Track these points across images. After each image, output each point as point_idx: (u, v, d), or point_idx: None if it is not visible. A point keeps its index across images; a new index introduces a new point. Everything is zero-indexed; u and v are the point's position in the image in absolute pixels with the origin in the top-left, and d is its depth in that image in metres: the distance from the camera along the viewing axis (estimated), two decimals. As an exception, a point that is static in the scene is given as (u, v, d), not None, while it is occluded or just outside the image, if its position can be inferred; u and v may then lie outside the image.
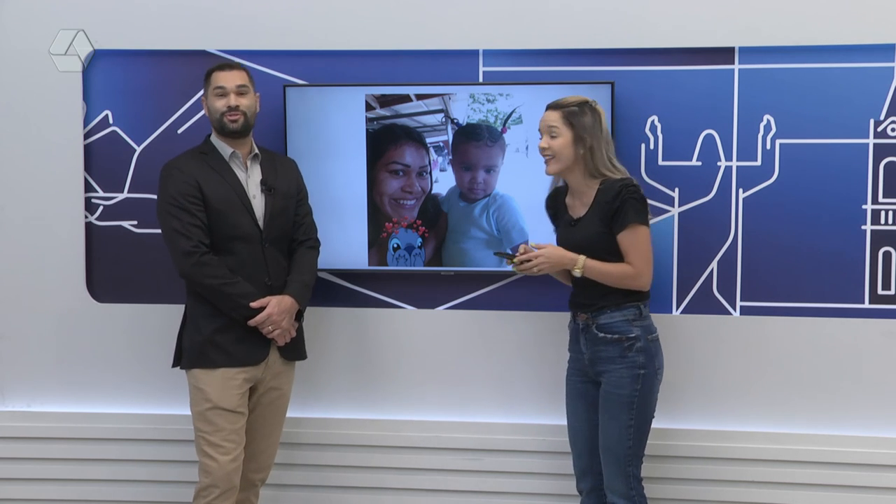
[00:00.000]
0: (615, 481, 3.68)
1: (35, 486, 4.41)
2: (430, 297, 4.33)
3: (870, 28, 4.02)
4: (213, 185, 3.82)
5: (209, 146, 3.91)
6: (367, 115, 4.22)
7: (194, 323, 3.84)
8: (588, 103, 3.69)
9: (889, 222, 4.09)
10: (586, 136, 3.65)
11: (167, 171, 3.86)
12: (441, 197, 4.24)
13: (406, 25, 4.22)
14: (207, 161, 3.87)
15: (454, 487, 4.30)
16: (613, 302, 3.67)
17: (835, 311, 4.14)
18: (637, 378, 3.64)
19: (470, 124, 4.18)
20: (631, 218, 3.61)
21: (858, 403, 4.14)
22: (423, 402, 4.34)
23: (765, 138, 4.12)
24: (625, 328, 3.66)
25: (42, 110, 4.35)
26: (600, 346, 3.69)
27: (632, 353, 3.65)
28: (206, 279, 3.76)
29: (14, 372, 4.45)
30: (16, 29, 4.33)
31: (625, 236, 3.63)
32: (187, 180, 3.79)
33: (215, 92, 3.85)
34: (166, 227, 3.81)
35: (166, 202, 3.80)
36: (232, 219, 3.82)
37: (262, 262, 3.86)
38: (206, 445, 3.80)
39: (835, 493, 4.13)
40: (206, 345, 3.80)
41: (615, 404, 3.65)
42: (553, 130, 3.68)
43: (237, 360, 3.82)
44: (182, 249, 3.76)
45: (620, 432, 3.65)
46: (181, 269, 3.80)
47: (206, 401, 3.79)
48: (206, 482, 3.81)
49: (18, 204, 4.40)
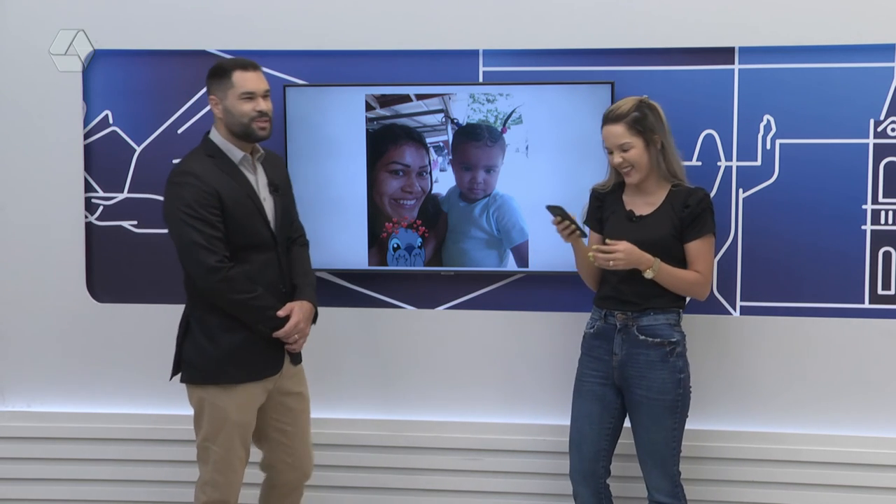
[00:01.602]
0: (663, 482, 3.70)
1: (35, 486, 4.41)
2: (430, 297, 4.33)
3: (870, 28, 4.03)
4: (231, 193, 3.58)
5: (214, 148, 3.66)
6: (367, 115, 4.22)
7: (207, 335, 3.61)
8: (643, 102, 3.66)
9: (889, 222, 4.09)
10: (656, 136, 3.64)
11: (180, 177, 3.57)
12: (441, 197, 4.24)
13: (406, 25, 4.22)
14: (217, 165, 3.62)
15: (454, 487, 4.30)
16: (661, 304, 3.66)
17: (835, 311, 4.14)
18: (679, 382, 3.65)
19: (470, 124, 4.18)
20: (709, 228, 3.64)
21: (858, 403, 4.14)
22: (423, 402, 4.34)
23: (765, 138, 4.12)
24: (667, 332, 3.66)
25: (42, 110, 4.35)
26: (640, 349, 3.66)
27: (673, 357, 3.64)
28: (233, 294, 3.54)
29: (14, 372, 4.45)
30: (16, 29, 4.34)
31: (698, 245, 3.64)
32: (206, 189, 3.53)
33: (243, 96, 3.59)
34: (184, 238, 3.53)
35: (183, 212, 3.52)
36: (249, 227, 3.61)
37: (277, 269, 3.70)
38: (221, 462, 3.64)
39: (835, 493, 4.13)
40: (225, 361, 3.59)
41: (659, 409, 3.64)
42: (624, 144, 3.63)
43: (258, 373, 3.64)
44: (207, 265, 3.51)
45: (667, 436, 3.66)
46: (206, 285, 3.54)
47: (224, 419, 3.60)
48: (215, 496, 3.67)
49: (18, 204, 4.40)
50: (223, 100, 3.63)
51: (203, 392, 3.65)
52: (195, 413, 3.71)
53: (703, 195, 3.67)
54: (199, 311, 3.64)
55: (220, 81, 3.64)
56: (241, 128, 3.62)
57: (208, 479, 3.69)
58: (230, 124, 3.63)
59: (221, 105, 3.63)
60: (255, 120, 3.61)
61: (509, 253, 4.23)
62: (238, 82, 3.60)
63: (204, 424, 3.67)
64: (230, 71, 3.62)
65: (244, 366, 3.62)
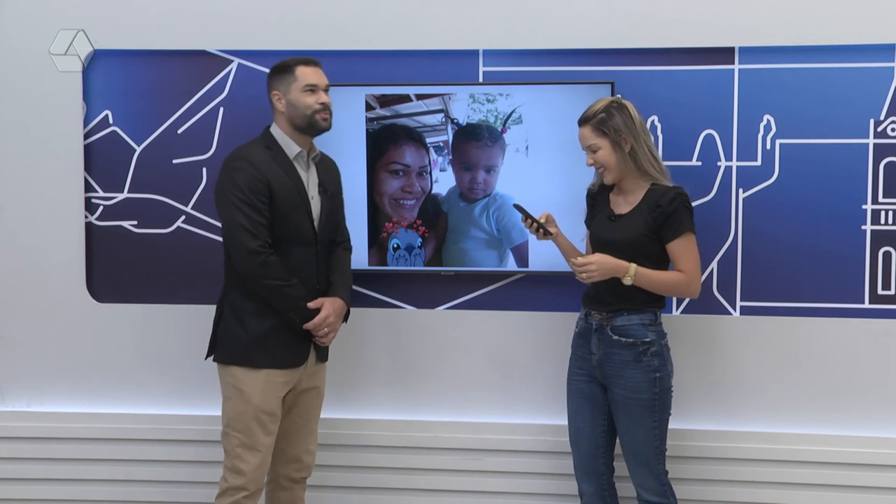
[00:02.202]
0: (648, 481, 3.70)
1: (35, 486, 4.41)
2: (430, 297, 4.33)
3: (870, 28, 4.03)
4: (281, 185, 3.69)
5: (272, 140, 3.76)
6: (367, 115, 4.22)
7: (239, 319, 3.71)
8: (612, 103, 3.66)
9: (889, 222, 4.09)
10: (622, 137, 3.63)
11: (237, 162, 3.68)
12: (441, 197, 4.24)
13: (406, 25, 4.22)
14: (274, 157, 3.72)
15: (454, 487, 4.30)
16: (633, 304, 3.66)
17: (835, 311, 4.14)
18: (654, 381, 3.64)
19: (470, 124, 4.18)
20: (686, 226, 3.62)
21: (858, 403, 4.14)
22: (423, 401, 4.34)
23: (765, 138, 4.12)
24: (640, 332, 3.66)
25: (42, 110, 4.35)
26: (614, 349, 3.68)
27: (647, 357, 3.64)
28: (268, 279, 3.64)
29: (14, 372, 4.45)
30: (16, 29, 4.33)
31: (678, 244, 3.63)
32: (259, 177, 3.65)
33: (306, 88, 3.71)
34: (230, 219, 3.65)
35: (233, 194, 3.63)
36: (294, 221, 3.72)
37: (314, 266, 3.79)
38: (241, 447, 3.71)
39: (835, 493, 4.13)
40: (253, 344, 3.69)
41: (636, 409, 3.65)
42: (592, 146, 3.67)
43: (282, 361, 3.73)
44: (247, 247, 3.62)
45: (646, 434, 3.66)
46: (243, 266, 3.65)
47: (246, 403, 3.69)
48: (236, 483, 3.73)
49: (18, 204, 4.40)
50: (286, 94, 3.74)
51: (229, 374, 3.74)
52: (223, 398, 3.79)
53: (676, 194, 3.63)
54: (233, 295, 3.74)
55: (282, 76, 3.75)
56: (305, 119, 3.74)
57: (229, 466, 3.75)
58: (293, 117, 3.74)
59: (284, 99, 3.74)
60: (318, 112, 3.73)
61: (509, 253, 4.23)
62: (301, 76, 3.73)
63: (228, 410, 3.76)
64: (293, 66, 3.75)
65: (270, 351, 3.71)
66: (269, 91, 3.79)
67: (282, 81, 3.75)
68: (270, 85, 3.79)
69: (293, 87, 3.73)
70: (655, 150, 3.72)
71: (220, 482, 3.77)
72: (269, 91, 3.79)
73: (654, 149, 3.69)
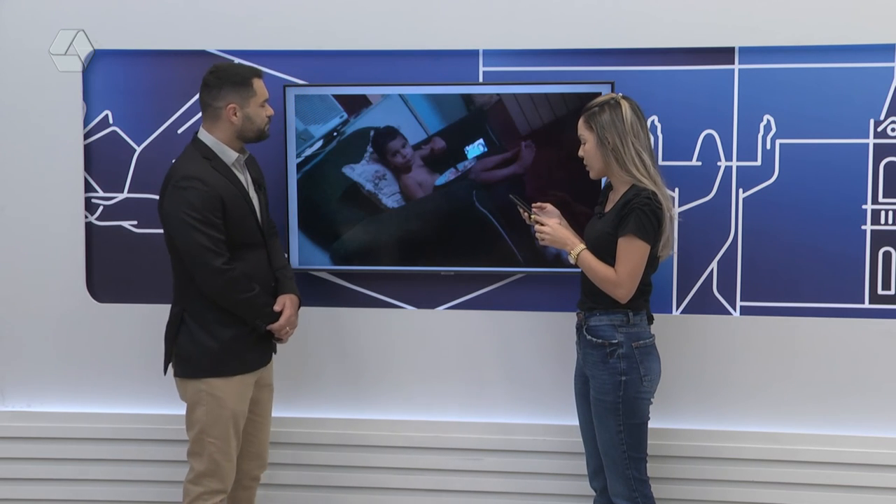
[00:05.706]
0: (616, 484, 3.68)
1: (35, 486, 4.41)
2: (430, 297, 4.33)
3: (870, 28, 4.03)
4: (230, 196, 3.69)
5: (207, 149, 3.72)
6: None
7: (206, 330, 3.70)
8: (610, 100, 3.63)
9: (889, 222, 4.09)
10: (607, 135, 3.61)
11: (186, 182, 3.63)
12: (441, 196, 4.23)
13: (406, 25, 4.22)
14: (214, 167, 3.69)
15: (455, 487, 4.30)
16: (603, 305, 3.65)
17: (835, 311, 4.14)
18: (619, 385, 3.61)
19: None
20: (631, 228, 3.54)
21: (858, 403, 4.14)
22: (423, 402, 4.34)
23: (765, 138, 4.12)
24: (608, 333, 3.64)
25: (42, 110, 4.35)
26: (588, 349, 3.69)
27: (613, 359, 3.62)
28: (238, 294, 3.67)
29: (14, 372, 4.45)
30: (16, 29, 4.33)
31: (621, 243, 3.58)
32: (211, 193, 3.63)
33: (263, 102, 3.74)
34: (190, 241, 3.62)
35: (189, 215, 3.60)
36: (246, 227, 3.74)
37: (266, 266, 3.84)
38: (218, 453, 3.73)
39: (835, 493, 4.13)
40: (224, 353, 3.71)
41: (602, 410, 3.65)
42: (582, 137, 3.68)
43: (252, 364, 3.79)
44: (214, 268, 3.62)
45: (612, 437, 3.65)
46: (212, 286, 3.65)
47: (222, 408, 3.71)
48: (214, 487, 3.75)
49: (18, 204, 4.40)
50: (244, 107, 3.72)
51: (202, 385, 3.73)
52: (189, 407, 3.79)
53: (640, 198, 3.55)
54: (195, 307, 3.73)
55: (239, 89, 3.71)
56: (258, 132, 3.76)
57: (204, 471, 3.76)
58: (246, 130, 3.74)
59: (241, 112, 3.72)
60: (267, 124, 3.79)
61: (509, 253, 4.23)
62: (259, 90, 3.74)
63: (201, 417, 3.74)
64: (249, 79, 3.73)
65: (240, 357, 3.76)
66: (216, 100, 3.70)
67: (238, 94, 3.70)
68: (222, 96, 3.69)
69: (252, 101, 3.72)
70: (650, 152, 3.64)
71: (190, 489, 3.77)
72: (220, 101, 3.70)
73: (644, 151, 3.61)
